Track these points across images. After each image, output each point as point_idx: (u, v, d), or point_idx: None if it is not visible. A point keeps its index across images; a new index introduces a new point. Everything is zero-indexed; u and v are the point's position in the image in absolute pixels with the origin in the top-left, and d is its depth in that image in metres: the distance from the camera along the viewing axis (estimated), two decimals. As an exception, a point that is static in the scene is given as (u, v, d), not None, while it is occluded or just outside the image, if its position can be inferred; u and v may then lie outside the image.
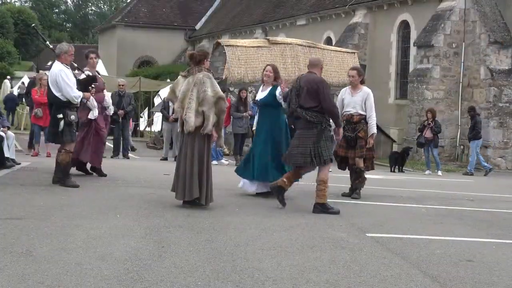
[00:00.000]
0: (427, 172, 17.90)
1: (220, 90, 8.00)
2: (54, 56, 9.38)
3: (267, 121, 9.41)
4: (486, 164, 18.64)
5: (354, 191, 9.86)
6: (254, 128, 10.10)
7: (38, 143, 15.68)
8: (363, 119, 9.66)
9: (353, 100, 9.71)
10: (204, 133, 7.79)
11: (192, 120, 7.72)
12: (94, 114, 10.45)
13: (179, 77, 8.20)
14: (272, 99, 9.33)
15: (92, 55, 10.72)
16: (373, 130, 9.72)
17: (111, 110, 11.65)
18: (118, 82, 17.81)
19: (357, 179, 9.86)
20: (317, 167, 8.26)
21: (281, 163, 8.96)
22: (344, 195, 9.93)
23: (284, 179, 8.34)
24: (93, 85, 10.06)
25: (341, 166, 10.18)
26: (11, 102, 29.24)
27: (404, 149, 18.70)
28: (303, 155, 8.18)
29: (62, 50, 9.19)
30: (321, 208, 8.15)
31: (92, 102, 10.32)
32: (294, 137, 8.51)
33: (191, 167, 7.80)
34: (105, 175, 10.68)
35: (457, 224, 8.07)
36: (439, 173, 17.80)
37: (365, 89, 9.79)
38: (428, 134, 17.58)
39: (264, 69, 9.62)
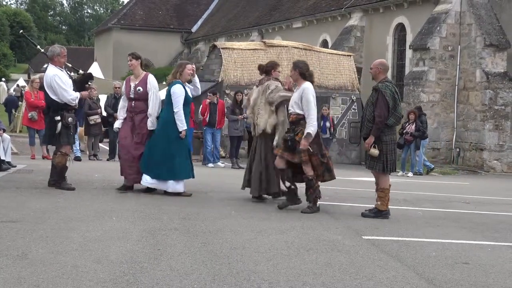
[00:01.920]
0: (400, 173, 17.60)
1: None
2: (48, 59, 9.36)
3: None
4: (428, 163, 18.70)
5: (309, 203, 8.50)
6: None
7: (33, 146, 15.66)
8: (302, 119, 8.35)
9: (292, 98, 8.61)
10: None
11: (261, 125, 9.01)
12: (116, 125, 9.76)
13: (254, 87, 9.54)
14: None
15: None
16: (308, 130, 8.20)
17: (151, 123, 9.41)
18: (114, 84, 17.80)
19: (309, 190, 8.42)
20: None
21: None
22: (281, 207, 8.58)
23: (379, 202, 8.43)
24: (89, 83, 10.02)
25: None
26: (12, 104, 29.30)
27: None
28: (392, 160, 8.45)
29: (54, 53, 9.14)
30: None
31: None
32: (390, 143, 8.38)
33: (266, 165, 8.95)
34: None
35: (453, 227, 8.07)
36: (409, 174, 17.75)
37: (303, 85, 8.46)
38: (407, 136, 17.75)
39: (186, 68, 9.23)
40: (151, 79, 9.43)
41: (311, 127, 8.20)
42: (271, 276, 5.04)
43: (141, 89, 9.33)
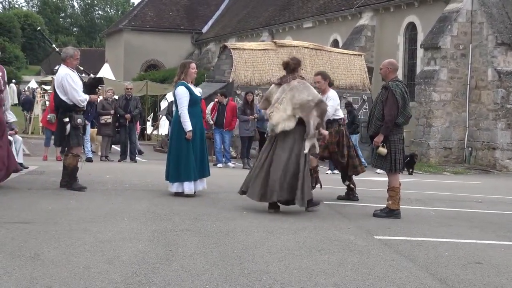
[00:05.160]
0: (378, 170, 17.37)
1: (317, 94, 8.36)
2: (60, 60, 9.38)
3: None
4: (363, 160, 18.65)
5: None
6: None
7: (48, 147, 15.72)
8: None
9: None
10: (308, 137, 8.01)
11: (275, 120, 8.01)
12: None
13: (272, 85, 8.51)
14: None
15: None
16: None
17: None
18: (125, 85, 17.83)
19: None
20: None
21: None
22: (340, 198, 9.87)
23: (390, 201, 8.42)
24: (99, 87, 10.03)
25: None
26: (29, 104, 29.51)
27: (412, 154, 18.44)
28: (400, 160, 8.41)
29: (67, 54, 9.18)
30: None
31: None
32: (398, 142, 8.39)
33: (285, 170, 7.96)
34: None
35: (465, 226, 8.03)
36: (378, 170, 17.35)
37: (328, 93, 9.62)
38: None
39: (190, 67, 9.20)
40: None
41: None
42: (283, 277, 5.03)
43: None
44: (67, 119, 9.08)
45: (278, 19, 35.13)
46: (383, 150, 8.20)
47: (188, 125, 8.92)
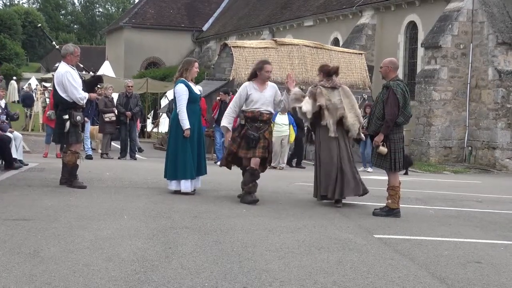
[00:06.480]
0: (369, 169, 17.26)
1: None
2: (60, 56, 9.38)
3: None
4: None
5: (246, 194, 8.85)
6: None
7: (48, 144, 15.72)
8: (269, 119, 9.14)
9: (265, 97, 8.97)
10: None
11: (351, 123, 9.00)
12: None
13: (319, 87, 9.16)
14: None
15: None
16: None
17: None
18: (127, 83, 17.81)
19: (251, 182, 8.79)
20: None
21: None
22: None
23: (390, 200, 8.44)
24: (99, 85, 10.03)
25: (229, 166, 9.36)
26: (29, 100, 29.53)
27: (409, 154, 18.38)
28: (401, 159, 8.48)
29: (67, 51, 9.18)
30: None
31: None
32: (398, 142, 8.38)
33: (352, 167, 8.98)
34: None
35: (465, 226, 8.03)
36: (369, 169, 17.18)
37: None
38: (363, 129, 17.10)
39: (195, 66, 9.18)
40: None
41: None
42: (282, 275, 5.03)
43: None
44: (66, 116, 9.08)
45: (279, 18, 35.10)
46: (383, 149, 8.21)
47: (185, 123, 8.91)
